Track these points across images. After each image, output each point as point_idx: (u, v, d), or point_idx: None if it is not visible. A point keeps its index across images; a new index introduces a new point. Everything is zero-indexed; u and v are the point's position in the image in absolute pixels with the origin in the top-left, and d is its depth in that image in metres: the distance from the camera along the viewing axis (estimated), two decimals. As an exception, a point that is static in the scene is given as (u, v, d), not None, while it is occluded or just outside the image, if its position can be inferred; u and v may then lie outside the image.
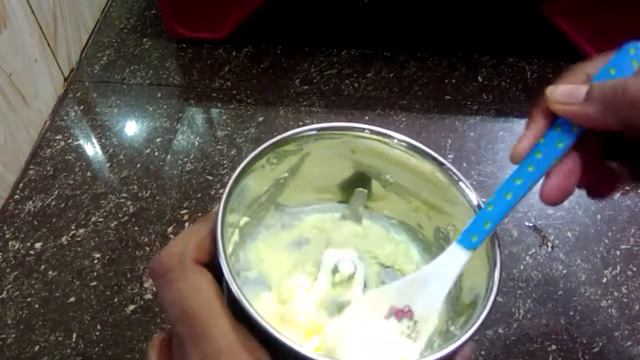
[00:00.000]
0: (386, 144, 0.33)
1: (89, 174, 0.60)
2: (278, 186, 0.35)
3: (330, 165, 0.34)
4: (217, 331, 0.24)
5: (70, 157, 0.62)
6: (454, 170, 0.32)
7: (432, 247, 0.35)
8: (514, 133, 0.62)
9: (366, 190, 0.36)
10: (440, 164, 0.32)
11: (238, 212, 0.32)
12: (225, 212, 0.28)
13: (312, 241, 0.36)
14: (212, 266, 0.26)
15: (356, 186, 0.35)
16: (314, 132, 0.32)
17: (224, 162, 0.61)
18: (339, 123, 0.33)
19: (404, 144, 0.32)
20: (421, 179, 0.33)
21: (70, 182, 0.59)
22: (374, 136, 0.33)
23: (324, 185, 0.36)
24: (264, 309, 0.32)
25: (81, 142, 0.63)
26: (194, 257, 0.26)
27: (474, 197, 0.31)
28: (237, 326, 0.24)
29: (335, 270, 0.34)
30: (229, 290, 0.25)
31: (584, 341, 0.49)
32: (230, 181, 0.29)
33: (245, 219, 0.33)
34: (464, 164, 0.59)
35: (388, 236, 0.36)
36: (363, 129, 0.32)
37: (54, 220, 0.57)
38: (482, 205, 0.30)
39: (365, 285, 0.34)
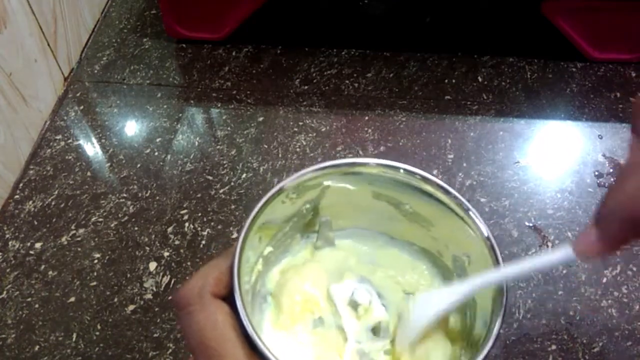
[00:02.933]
0: (394, 174, 0.33)
1: (89, 174, 0.60)
2: (301, 216, 0.35)
3: (351, 196, 0.35)
4: None
5: (70, 157, 0.62)
6: (464, 200, 0.32)
7: (452, 274, 0.35)
8: (514, 133, 0.62)
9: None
10: (451, 195, 0.32)
11: (261, 243, 0.34)
12: (242, 251, 0.29)
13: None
14: (232, 298, 0.28)
15: (379, 214, 0.36)
16: (320, 172, 0.32)
17: (224, 162, 0.61)
18: (345, 160, 0.33)
19: (417, 176, 0.33)
20: (436, 208, 0.33)
21: (70, 182, 0.59)
22: (381, 169, 0.33)
23: (343, 212, 0.37)
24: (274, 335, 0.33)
25: (81, 142, 0.63)
26: (213, 290, 0.28)
27: (484, 229, 0.31)
28: (251, 355, 0.26)
29: (355, 304, 0.34)
30: (243, 326, 0.27)
31: (584, 341, 0.49)
32: (248, 221, 0.30)
33: (269, 249, 0.34)
34: (464, 164, 0.59)
35: (412, 263, 0.37)
36: (367, 164, 0.33)
37: (54, 220, 0.57)
38: (492, 237, 0.30)
39: (385, 308, 0.35)
